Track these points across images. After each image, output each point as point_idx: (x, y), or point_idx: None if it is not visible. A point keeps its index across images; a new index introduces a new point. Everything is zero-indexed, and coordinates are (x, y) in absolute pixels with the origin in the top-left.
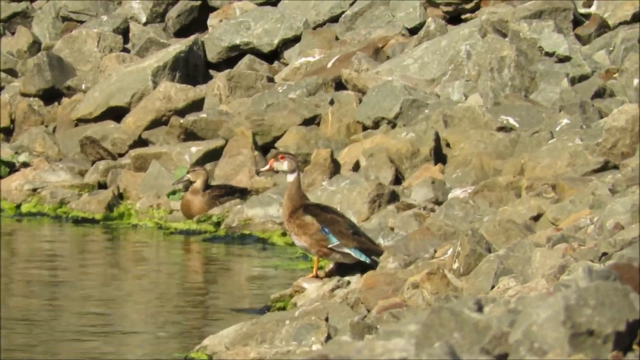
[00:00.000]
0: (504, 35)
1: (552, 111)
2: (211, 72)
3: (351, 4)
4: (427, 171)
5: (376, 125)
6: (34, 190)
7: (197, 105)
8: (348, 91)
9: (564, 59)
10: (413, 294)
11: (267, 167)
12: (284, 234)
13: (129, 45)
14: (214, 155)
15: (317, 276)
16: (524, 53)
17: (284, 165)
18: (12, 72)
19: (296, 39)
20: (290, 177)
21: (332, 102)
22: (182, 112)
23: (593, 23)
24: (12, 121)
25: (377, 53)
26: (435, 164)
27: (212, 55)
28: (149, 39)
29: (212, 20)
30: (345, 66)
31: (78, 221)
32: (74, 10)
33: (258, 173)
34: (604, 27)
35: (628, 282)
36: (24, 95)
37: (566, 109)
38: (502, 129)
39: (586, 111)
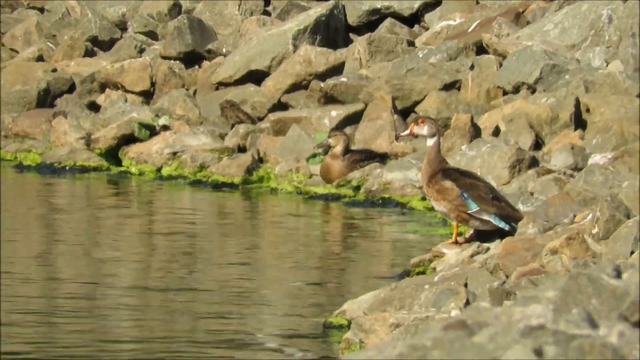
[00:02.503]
0: None
1: None
2: (351, 35)
3: None
4: (567, 137)
5: (516, 90)
6: (175, 153)
7: (337, 69)
8: (489, 55)
9: None
10: (551, 260)
11: (408, 131)
12: (423, 199)
13: (269, 8)
14: (353, 119)
15: (456, 242)
16: None
17: (424, 129)
18: (152, 35)
19: (437, 3)
20: (430, 142)
21: (472, 67)
22: (322, 76)
23: None
24: (153, 84)
25: (518, 18)
26: (575, 129)
27: (352, 19)
28: (289, 2)
29: None
30: (486, 31)
31: (218, 185)
32: None
33: (397, 138)
34: None
35: None
36: (165, 58)
37: None
38: None
39: None
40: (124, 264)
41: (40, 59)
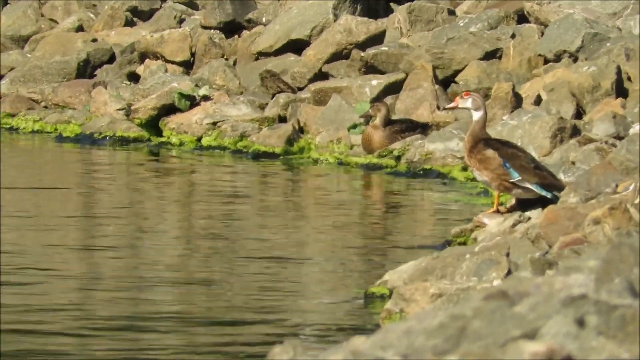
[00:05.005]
0: None
1: None
2: (392, 5)
3: None
4: (609, 105)
5: (558, 58)
6: (214, 124)
7: (377, 38)
8: (530, 24)
9: None
10: (594, 230)
11: (453, 104)
12: (464, 169)
13: None
14: (394, 88)
15: (497, 211)
16: None
17: (467, 102)
18: (192, 5)
19: None
20: (476, 115)
21: (513, 36)
22: (362, 46)
23: None
24: (193, 54)
25: None
26: (617, 98)
27: None
28: None
29: None
30: None
31: (258, 155)
32: None
33: (442, 109)
34: None
35: None
36: (205, 27)
37: None
38: None
39: None
40: (166, 236)
41: (80, 29)
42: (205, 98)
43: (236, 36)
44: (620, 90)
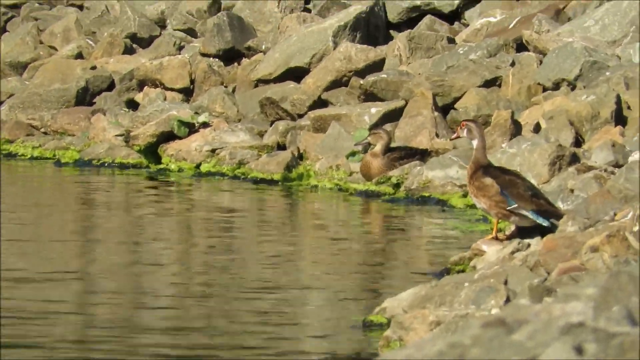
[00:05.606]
0: None
1: None
2: (391, 32)
3: None
4: (608, 134)
5: (556, 86)
6: (213, 150)
7: (377, 65)
8: (529, 52)
9: None
10: (592, 257)
11: (455, 135)
12: (463, 196)
13: (309, 6)
14: (393, 116)
15: (496, 238)
16: None
17: (464, 132)
18: (191, 32)
19: (477, 0)
20: (474, 144)
21: (512, 64)
22: (362, 73)
23: None
24: (192, 81)
25: (558, 14)
26: (616, 126)
27: (392, 16)
28: (330, 0)
29: None
30: (527, 27)
31: (257, 182)
32: None
33: (439, 136)
34: None
35: None
36: (204, 55)
37: None
38: None
39: None
40: (162, 264)
41: (79, 56)
42: (205, 125)
43: (235, 64)
44: (620, 119)
